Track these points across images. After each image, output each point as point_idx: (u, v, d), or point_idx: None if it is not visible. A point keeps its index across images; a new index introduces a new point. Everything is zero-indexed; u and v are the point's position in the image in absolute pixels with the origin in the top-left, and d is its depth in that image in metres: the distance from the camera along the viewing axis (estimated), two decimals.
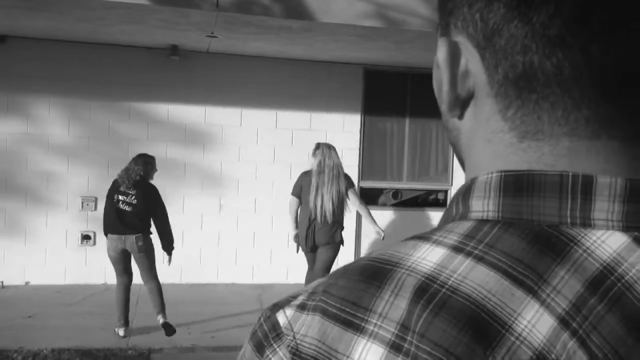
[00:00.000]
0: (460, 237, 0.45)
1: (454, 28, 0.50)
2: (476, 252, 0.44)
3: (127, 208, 5.38)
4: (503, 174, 0.47)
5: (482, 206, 0.47)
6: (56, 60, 7.38)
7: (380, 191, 8.45)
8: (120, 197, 5.41)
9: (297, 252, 6.03)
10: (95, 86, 7.48)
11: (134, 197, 5.40)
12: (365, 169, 8.29)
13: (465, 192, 0.49)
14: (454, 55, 0.49)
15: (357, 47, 7.02)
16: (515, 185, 0.46)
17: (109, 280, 7.65)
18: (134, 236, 5.35)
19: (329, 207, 5.61)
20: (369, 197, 8.36)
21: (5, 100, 7.34)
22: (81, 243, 7.59)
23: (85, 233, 7.59)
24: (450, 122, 0.53)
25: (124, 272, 5.57)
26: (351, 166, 8.17)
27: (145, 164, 5.52)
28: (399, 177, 8.42)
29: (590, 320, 0.41)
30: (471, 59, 0.48)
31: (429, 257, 0.45)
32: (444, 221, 0.49)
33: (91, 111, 7.53)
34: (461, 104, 0.50)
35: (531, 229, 0.44)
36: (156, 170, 5.67)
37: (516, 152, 0.47)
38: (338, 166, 5.75)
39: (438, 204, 8.60)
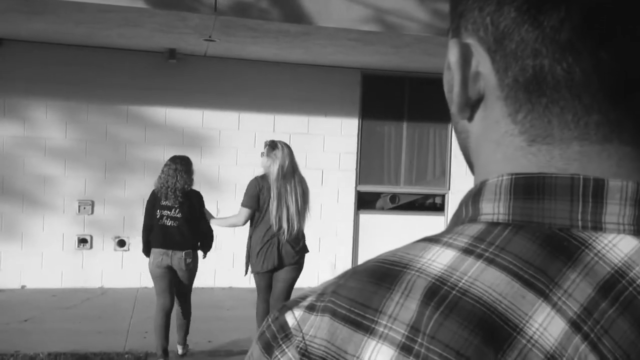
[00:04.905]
0: (471, 240, 0.45)
1: (465, 30, 0.50)
2: (487, 254, 0.44)
3: (172, 223, 4.93)
4: (514, 176, 0.47)
5: (493, 209, 0.46)
6: (53, 64, 7.37)
7: (377, 195, 8.45)
8: (164, 213, 4.93)
9: (246, 274, 5.16)
10: (92, 89, 7.47)
11: (177, 211, 4.93)
12: (362, 173, 8.29)
13: (475, 194, 0.49)
14: (466, 57, 0.49)
15: (355, 52, 7.03)
16: (526, 188, 0.46)
17: (105, 284, 7.64)
18: (182, 252, 4.91)
19: (295, 218, 4.88)
20: (367, 202, 8.37)
21: (2, 103, 7.32)
22: (78, 247, 7.57)
23: (82, 237, 7.56)
24: (460, 124, 0.53)
25: (166, 291, 5.02)
26: (349, 170, 8.18)
27: (189, 172, 5.03)
28: (396, 182, 8.43)
29: (602, 324, 0.41)
30: (482, 61, 0.48)
31: (439, 259, 0.45)
32: (454, 223, 0.49)
33: (88, 114, 7.52)
34: (471, 106, 0.50)
35: (542, 232, 0.44)
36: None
37: (526, 155, 0.47)
38: (297, 168, 5.05)
39: (436, 208, 8.60)
